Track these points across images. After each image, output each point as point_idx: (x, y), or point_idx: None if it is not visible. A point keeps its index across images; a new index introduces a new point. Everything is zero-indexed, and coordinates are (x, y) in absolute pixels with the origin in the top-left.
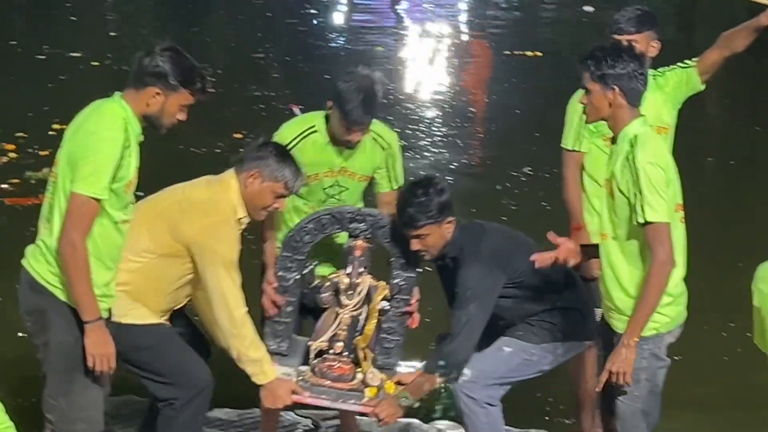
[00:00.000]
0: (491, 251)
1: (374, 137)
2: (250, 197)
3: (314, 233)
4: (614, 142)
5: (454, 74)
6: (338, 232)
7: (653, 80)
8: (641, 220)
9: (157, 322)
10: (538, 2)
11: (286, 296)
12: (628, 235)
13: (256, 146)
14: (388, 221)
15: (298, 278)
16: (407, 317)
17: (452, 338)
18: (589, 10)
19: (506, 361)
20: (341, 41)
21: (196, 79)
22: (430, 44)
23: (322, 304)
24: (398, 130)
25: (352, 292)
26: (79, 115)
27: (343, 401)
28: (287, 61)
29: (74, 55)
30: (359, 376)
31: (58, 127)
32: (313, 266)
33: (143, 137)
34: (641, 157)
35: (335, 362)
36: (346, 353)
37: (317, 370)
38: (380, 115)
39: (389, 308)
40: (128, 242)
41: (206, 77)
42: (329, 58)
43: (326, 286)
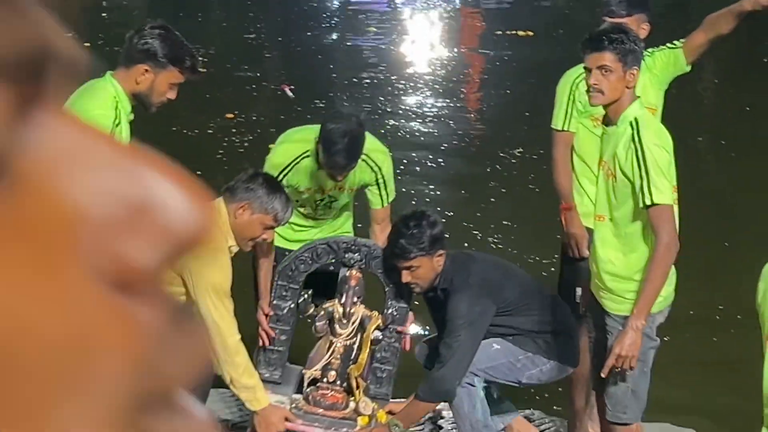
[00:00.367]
0: (481, 280)
1: (364, 158)
2: (239, 228)
3: (309, 263)
4: (607, 123)
5: (445, 54)
6: (333, 261)
7: (642, 61)
8: (648, 202)
9: None
10: None
11: (279, 325)
12: (626, 217)
13: (245, 177)
14: (382, 252)
15: (292, 307)
16: (400, 346)
17: (442, 365)
18: None
19: (492, 357)
20: (334, 21)
21: (185, 57)
22: (422, 24)
23: (316, 333)
24: (389, 110)
25: (345, 321)
26: (71, 96)
27: (335, 429)
28: (280, 41)
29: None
30: (352, 404)
31: None
32: (307, 295)
33: (134, 116)
34: (647, 139)
35: (328, 390)
36: (339, 382)
37: (310, 398)
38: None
39: (382, 338)
40: None
41: (196, 56)
42: (322, 38)
43: (320, 315)
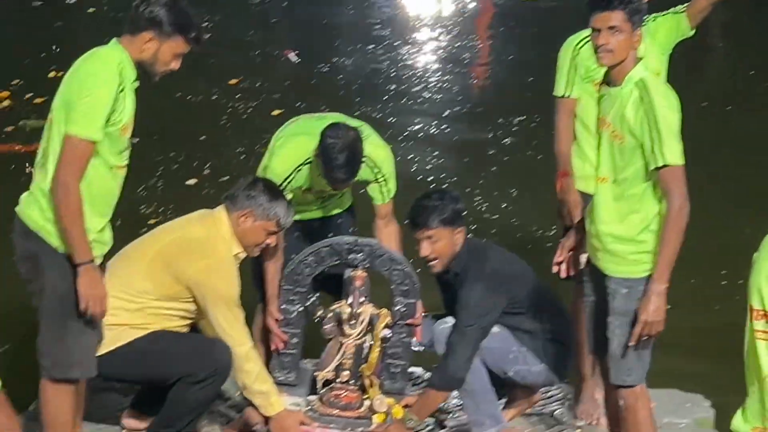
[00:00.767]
0: (494, 272)
1: (364, 160)
2: (242, 235)
3: (313, 266)
4: (609, 83)
5: (450, 20)
6: (337, 263)
7: (644, 26)
8: (660, 162)
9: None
10: None
11: (290, 329)
12: (631, 178)
13: (245, 185)
14: (385, 250)
15: (301, 311)
16: (411, 341)
17: (454, 355)
18: None
19: (488, 339)
20: None
21: (191, 27)
22: None
23: (325, 335)
24: (392, 75)
25: (354, 321)
26: (76, 61)
27: (351, 429)
28: (284, 6)
29: (70, 2)
30: (367, 403)
31: (54, 74)
32: (315, 298)
33: (139, 83)
34: (657, 99)
35: (342, 391)
36: (352, 381)
37: (325, 399)
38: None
39: (392, 335)
40: (124, 280)
41: (202, 27)
42: (327, 3)
43: (328, 317)
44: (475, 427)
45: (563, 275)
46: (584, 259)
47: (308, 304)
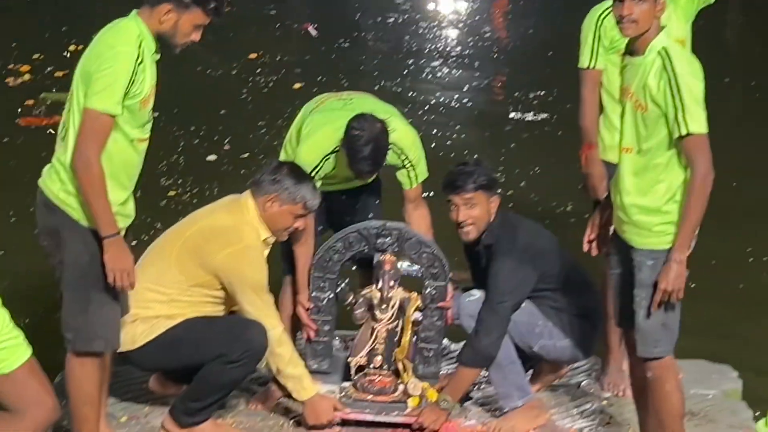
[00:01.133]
0: (526, 246)
1: (390, 147)
2: (270, 220)
3: (342, 252)
4: (631, 53)
5: None
6: (366, 248)
7: None
8: (683, 131)
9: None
10: None
11: (321, 316)
12: (655, 148)
13: (270, 169)
14: (413, 233)
15: (331, 297)
16: (443, 323)
17: (483, 332)
18: None
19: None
20: None
21: None
22: None
23: (356, 320)
24: (414, 50)
25: (385, 306)
26: (97, 35)
27: (386, 414)
28: None
29: None
30: (401, 387)
31: (74, 48)
32: (345, 284)
33: (159, 56)
34: (681, 68)
35: (376, 376)
36: (385, 366)
37: (359, 385)
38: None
39: (423, 318)
40: (155, 272)
41: None
42: None
43: (359, 302)
44: (502, 399)
45: (594, 253)
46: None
47: (338, 290)
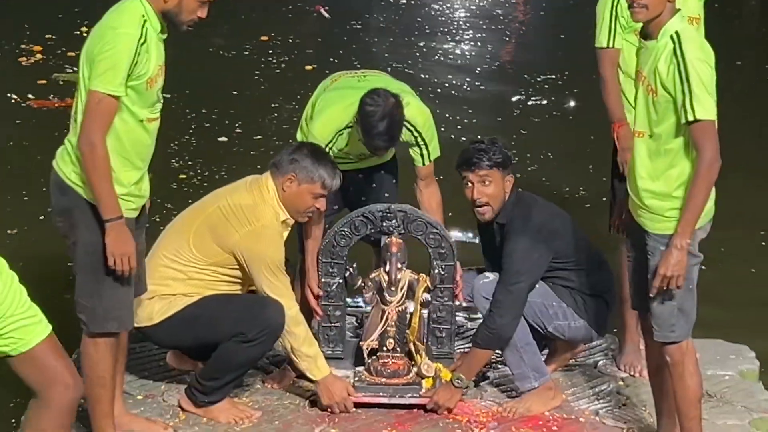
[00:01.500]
0: (540, 225)
1: (404, 124)
2: (289, 201)
3: (349, 236)
4: (645, 36)
5: None
6: (372, 231)
7: None
8: (690, 117)
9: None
10: None
11: (332, 302)
12: (667, 132)
13: (290, 150)
14: (419, 215)
15: (341, 282)
16: (454, 303)
17: (499, 312)
18: None
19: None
20: None
21: None
22: None
23: (366, 304)
24: (426, 32)
25: (393, 288)
26: (103, 16)
27: (400, 396)
28: None
29: None
30: (414, 369)
31: (86, 29)
32: (353, 268)
33: (166, 35)
34: (690, 53)
35: (389, 359)
36: (398, 349)
37: (372, 368)
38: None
39: (432, 299)
40: (173, 250)
41: None
42: None
43: (368, 285)
44: (518, 380)
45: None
46: None
47: (347, 275)
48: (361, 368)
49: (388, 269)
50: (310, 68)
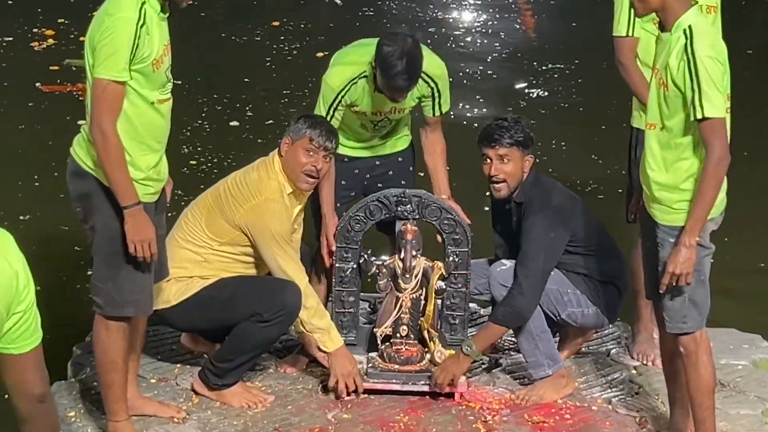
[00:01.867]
0: (559, 207)
1: (422, 75)
2: (288, 165)
3: (364, 221)
4: (662, 29)
5: None
6: (386, 216)
7: None
8: (699, 115)
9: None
10: None
11: (345, 287)
12: (678, 126)
13: (292, 122)
14: (433, 200)
15: (355, 268)
16: (468, 291)
17: (518, 291)
18: None
19: None
20: None
21: None
22: None
23: (380, 290)
24: (439, 19)
25: (408, 275)
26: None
27: (413, 383)
28: None
29: None
30: (427, 356)
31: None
32: (368, 254)
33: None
34: (700, 50)
35: (402, 346)
36: (411, 336)
37: (385, 355)
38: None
39: (447, 287)
40: (188, 232)
41: None
42: None
43: (382, 272)
44: (532, 368)
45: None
46: None
47: (361, 261)
48: (374, 354)
49: (402, 256)
50: (321, 55)
